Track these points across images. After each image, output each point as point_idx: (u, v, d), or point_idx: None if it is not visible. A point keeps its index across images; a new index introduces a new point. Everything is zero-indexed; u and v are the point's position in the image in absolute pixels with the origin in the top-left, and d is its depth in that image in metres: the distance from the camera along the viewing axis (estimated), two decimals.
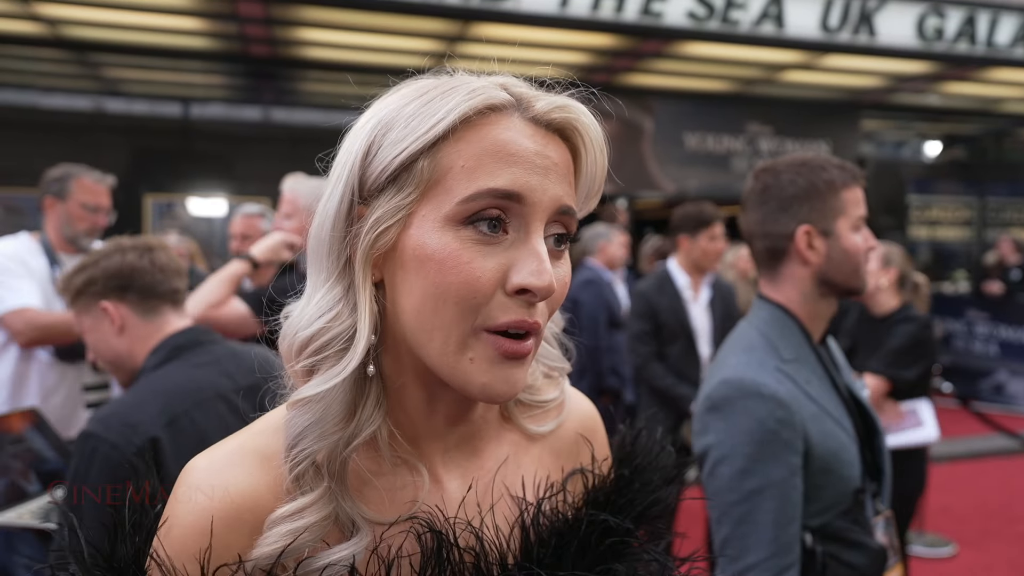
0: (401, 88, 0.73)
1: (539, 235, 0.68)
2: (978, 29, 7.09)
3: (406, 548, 0.71)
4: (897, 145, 11.56)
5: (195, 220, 7.80)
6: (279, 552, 0.66)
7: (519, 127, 0.69)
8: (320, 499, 0.68)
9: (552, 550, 0.75)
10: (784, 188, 1.57)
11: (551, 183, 0.69)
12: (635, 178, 8.29)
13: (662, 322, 3.89)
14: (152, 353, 1.75)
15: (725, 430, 1.46)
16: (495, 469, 0.80)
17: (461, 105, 0.67)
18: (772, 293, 1.63)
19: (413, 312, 0.68)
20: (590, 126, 0.73)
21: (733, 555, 1.42)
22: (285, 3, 5.87)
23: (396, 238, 0.69)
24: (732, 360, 1.54)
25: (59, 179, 3.06)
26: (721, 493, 1.44)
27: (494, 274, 0.67)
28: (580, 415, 0.91)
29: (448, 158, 0.68)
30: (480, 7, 5.92)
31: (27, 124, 7.50)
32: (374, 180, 0.69)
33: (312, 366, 0.70)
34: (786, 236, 1.57)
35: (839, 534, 1.47)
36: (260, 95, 8.46)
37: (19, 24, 6.21)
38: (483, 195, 0.66)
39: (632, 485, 0.85)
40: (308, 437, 0.68)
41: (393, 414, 0.75)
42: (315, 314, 0.70)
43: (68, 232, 3.04)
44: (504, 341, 0.67)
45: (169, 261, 1.83)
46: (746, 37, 6.61)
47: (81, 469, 1.51)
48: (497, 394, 0.68)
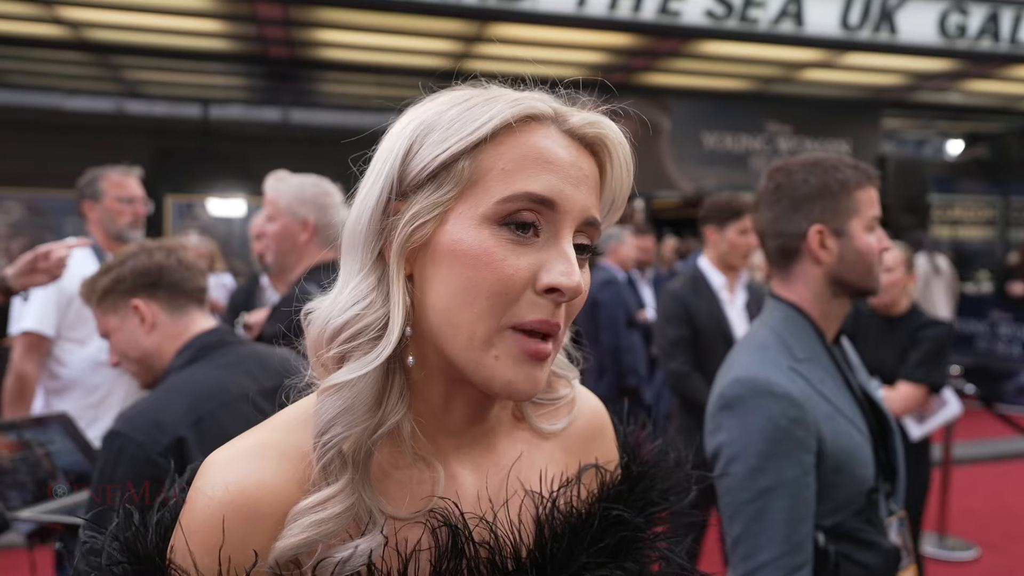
0: (440, 95, 0.76)
1: (568, 240, 0.71)
2: (1001, 26, 7.00)
3: (422, 542, 0.72)
4: (919, 144, 11.43)
5: (215, 220, 7.87)
6: (304, 543, 0.67)
7: (556, 137, 0.73)
8: (344, 489, 0.69)
9: (566, 544, 0.77)
10: (797, 187, 1.57)
11: (582, 194, 0.72)
12: (652, 178, 8.26)
13: (699, 327, 3.45)
14: (179, 353, 1.77)
15: (737, 428, 1.46)
16: (509, 465, 0.82)
17: (505, 111, 0.71)
18: (785, 292, 1.63)
19: (442, 306, 0.71)
20: (619, 144, 0.77)
21: (745, 553, 1.41)
22: (303, 5, 5.91)
23: (431, 233, 0.71)
24: (745, 359, 1.54)
25: (90, 182, 3.17)
26: (733, 491, 1.44)
27: (526, 272, 0.69)
28: (589, 413, 0.93)
29: (488, 160, 0.71)
30: (497, 7, 5.93)
31: (51, 126, 7.61)
32: (414, 177, 0.72)
33: (344, 354, 0.72)
34: (798, 235, 1.57)
35: (852, 534, 1.46)
36: (279, 96, 8.52)
37: (43, 27, 6.30)
38: (520, 197, 0.69)
39: (642, 481, 0.86)
40: (338, 424, 0.70)
41: (414, 408, 0.76)
42: (348, 302, 0.73)
43: (112, 228, 3.13)
44: (529, 341, 0.70)
45: (194, 261, 1.85)
46: (765, 35, 6.57)
47: (108, 467, 1.52)
48: (519, 391, 0.70)
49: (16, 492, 1.97)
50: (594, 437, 0.91)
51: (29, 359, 2.90)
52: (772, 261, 1.65)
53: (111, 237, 3.13)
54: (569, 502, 0.80)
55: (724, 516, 1.47)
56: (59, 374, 2.96)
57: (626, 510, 0.81)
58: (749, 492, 1.42)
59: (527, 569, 0.74)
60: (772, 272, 1.66)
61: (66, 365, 2.96)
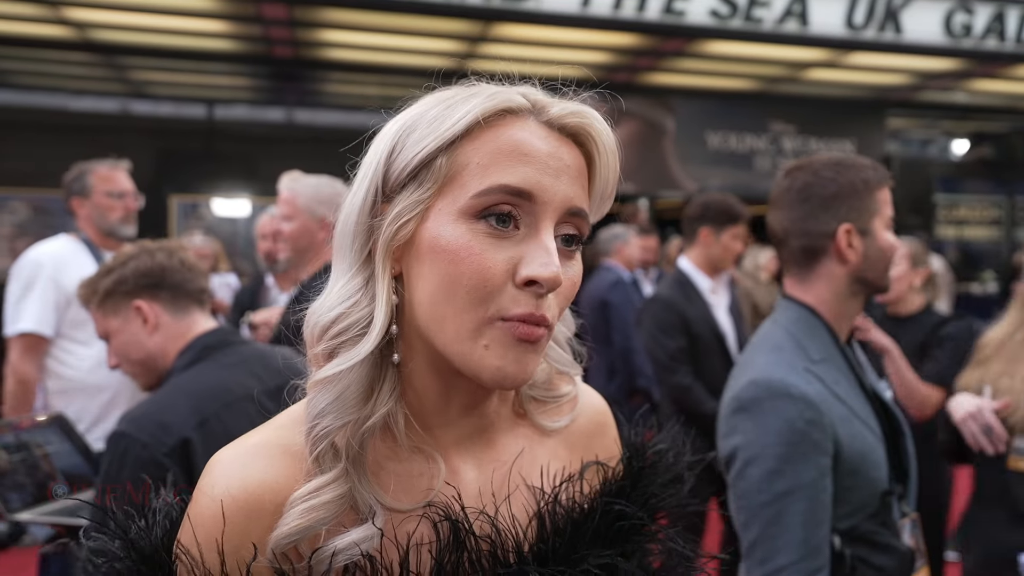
0: (426, 97, 0.77)
1: (548, 232, 0.71)
2: (1007, 25, 6.97)
3: (424, 535, 0.73)
4: (924, 143, 11.39)
5: (219, 220, 7.88)
6: (297, 531, 0.69)
7: (533, 129, 0.73)
8: (337, 479, 0.71)
9: (567, 540, 0.77)
10: (826, 186, 1.57)
11: (563, 184, 0.72)
12: (656, 178, 8.25)
13: (696, 335, 3.35)
14: (181, 353, 1.77)
15: (754, 431, 1.44)
16: (510, 460, 0.82)
17: (479, 106, 0.72)
18: (800, 293, 1.62)
19: (428, 301, 0.72)
20: (602, 132, 0.77)
21: (762, 557, 1.40)
22: (308, 5, 5.91)
23: (414, 231, 0.73)
24: (760, 360, 1.53)
25: (77, 178, 3.09)
26: (750, 495, 1.43)
27: (504, 265, 0.70)
28: (592, 410, 0.93)
29: (465, 155, 0.72)
30: (501, 7, 5.93)
31: (56, 126, 7.62)
32: (396, 177, 0.74)
33: (332, 349, 0.74)
34: (827, 235, 1.57)
35: (867, 537, 1.45)
36: (283, 96, 8.53)
37: (48, 28, 6.31)
38: (495, 191, 0.70)
39: (644, 477, 0.86)
40: (328, 415, 0.71)
41: (409, 402, 0.77)
42: (336, 301, 0.74)
43: (104, 225, 3.06)
44: (519, 324, 0.70)
45: (195, 262, 1.85)
46: (770, 35, 6.55)
47: (113, 468, 1.52)
48: (509, 376, 0.70)
49: (16, 494, 1.98)
50: (596, 434, 0.92)
51: (28, 360, 2.87)
52: (792, 261, 1.64)
53: (103, 233, 3.06)
54: (571, 497, 0.81)
55: (740, 520, 1.46)
56: (62, 375, 2.92)
57: (628, 504, 0.81)
58: (766, 495, 1.40)
59: (528, 562, 0.75)
60: (789, 272, 1.65)
61: (70, 366, 2.92)
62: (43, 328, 2.87)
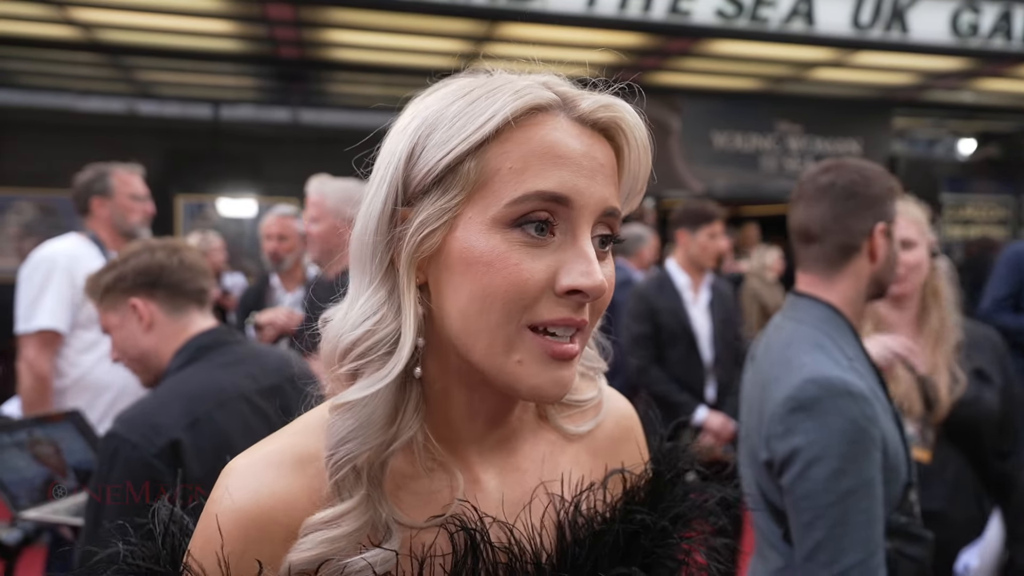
0: (441, 88, 0.72)
1: (587, 237, 0.68)
2: (1014, 24, 6.94)
3: (440, 547, 0.70)
4: (930, 143, 11.34)
5: (225, 220, 7.89)
6: (316, 559, 0.66)
7: (565, 127, 0.69)
8: (358, 506, 0.68)
9: (588, 550, 0.74)
10: (871, 186, 1.60)
11: (598, 185, 0.68)
12: (662, 178, 8.23)
13: (661, 324, 3.72)
14: (177, 353, 1.76)
15: (816, 430, 1.42)
16: (532, 468, 0.79)
17: (508, 106, 0.66)
18: (822, 292, 1.62)
19: (459, 314, 0.68)
20: (635, 125, 0.72)
21: (828, 559, 1.37)
22: (314, 6, 5.92)
23: (442, 240, 0.68)
24: (807, 359, 1.50)
25: (99, 178, 3.13)
26: (815, 495, 1.40)
27: (543, 275, 0.66)
28: (617, 415, 0.90)
29: (495, 160, 0.67)
30: (507, 7, 5.92)
31: (63, 127, 7.64)
32: (418, 182, 0.69)
33: (356, 370, 0.69)
34: (863, 232, 1.59)
35: (903, 529, 1.46)
36: (289, 97, 8.53)
37: (55, 29, 6.33)
38: (532, 197, 0.66)
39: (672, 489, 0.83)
40: (352, 442, 0.67)
41: (432, 417, 0.74)
42: (359, 318, 0.70)
43: (124, 226, 3.11)
44: (551, 343, 0.67)
45: (196, 261, 1.84)
46: (776, 35, 6.53)
47: (104, 468, 1.52)
48: (547, 395, 0.68)
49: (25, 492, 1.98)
50: (622, 440, 0.88)
51: (45, 357, 2.87)
52: (822, 258, 1.62)
53: (120, 234, 3.10)
54: (592, 507, 0.78)
55: (800, 522, 1.43)
56: (67, 373, 2.93)
57: (649, 515, 0.78)
58: (833, 495, 1.38)
59: (546, 573, 0.73)
60: (810, 270, 1.64)
61: (76, 364, 2.94)
62: (59, 324, 2.88)
